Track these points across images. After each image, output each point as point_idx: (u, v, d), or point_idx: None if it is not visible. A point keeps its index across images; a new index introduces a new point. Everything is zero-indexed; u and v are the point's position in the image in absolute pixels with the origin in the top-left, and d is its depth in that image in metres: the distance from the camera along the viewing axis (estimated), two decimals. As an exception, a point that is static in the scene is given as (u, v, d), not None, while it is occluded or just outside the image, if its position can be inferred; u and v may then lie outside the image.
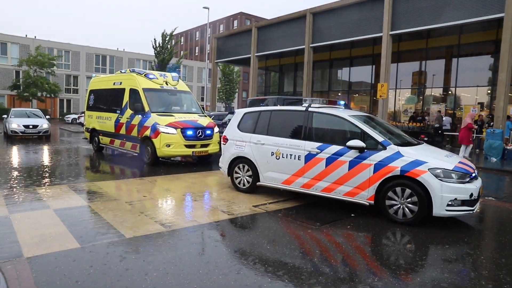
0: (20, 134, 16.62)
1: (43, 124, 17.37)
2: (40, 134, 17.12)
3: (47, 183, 7.53)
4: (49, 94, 37.57)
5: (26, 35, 45.45)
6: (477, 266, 4.16)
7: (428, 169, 5.20)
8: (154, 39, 35.67)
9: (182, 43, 76.45)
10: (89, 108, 13.65)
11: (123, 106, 11.38)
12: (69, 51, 47.66)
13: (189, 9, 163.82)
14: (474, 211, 5.36)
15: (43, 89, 36.14)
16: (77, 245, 4.20)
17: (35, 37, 45.54)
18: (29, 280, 3.35)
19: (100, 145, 12.91)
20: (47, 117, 20.15)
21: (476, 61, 18.94)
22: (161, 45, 35.15)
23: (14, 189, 6.88)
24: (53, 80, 39.69)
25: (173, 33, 36.06)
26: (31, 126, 16.81)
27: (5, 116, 19.28)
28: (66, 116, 38.54)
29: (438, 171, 5.19)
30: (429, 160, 5.34)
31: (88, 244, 4.24)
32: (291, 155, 6.45)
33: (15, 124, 16.73)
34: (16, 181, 7.62)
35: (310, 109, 6.56)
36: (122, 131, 11.35)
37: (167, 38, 35.35)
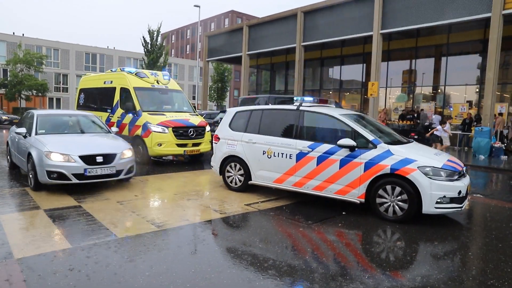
0: (75, 180, 6.48)
1: (123, 149, 7.21)
2: (120, 176, 7.04)
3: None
4: (38, 92, 37.06)
5: (13, 33, 44.71)
6: (465, 262, 4.24)
7: (418, 167, 5.28)
8: (143, 37, 34.83)
9: (173, 41, 76.04)
10: (80, 107, 13.52)
11: (114, 105, 11.30)
12: (58, 49, 47.03)
13: (180, 7, 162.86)
14: (462, 208, 5.45)
15: (32, 87, 35.63)
16: (68, 246, 4.18)
17: (23, 34, 44.86)
18: (20, 282, 3.33)
19: (91, 144, 12.77)
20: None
21: (465, 60, 19.21)
22: (149, 42, 34.63)
23: (4, 190, 6.80)
24: (42, 78, 39.15)
25: (160, 29, 35.40)
26: (99, 159, 6.71)
27: (15, 126, 8.95)
28: None
29: (428, 169, 5.27)
30: (418, 158, 5.41)
31: (80, 244, 4.22)
32: (282, 154, 6.48)
33: (59, 154, 6.51)
34: (6, 182, 7.53)
35: (301, 108, 6.60)
36: (113, 130, 11.26)
37: (154, 35, 34.80)
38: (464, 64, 19.07)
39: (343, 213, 5.91)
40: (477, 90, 18.71)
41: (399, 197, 5.38)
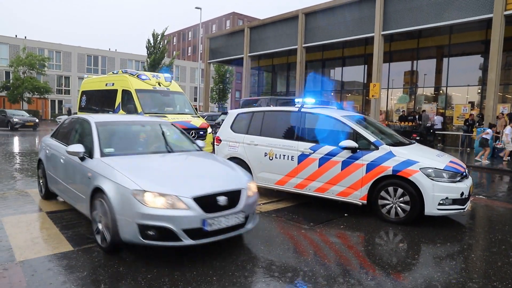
0: (189, 240, 3.74)
1: (247, 181, 4.41)
2: (248, 226, 4.29)
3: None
4: (40, 94, 37.21)
5: (16, 36, 44.94)
6: (468, 264, 4.22)
7: (420, 168, 5.26)
8: (148, 39, 35.64)
9: (174, 43, 76.26)
10: (81, 109, 13.56)
11: (115, 107, 11.32)
12: (60, 51, 47.23)
13: (182, 9, 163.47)
14: (465, 210, 5.43)
15: (35, 89, 35.81)
16: (70, 248, 4.18)
17: (25, 37, 45.06)
18: (22, 284, 3.33)
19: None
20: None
21: (467, 61, 19.19)
22: (153, 45, 35.21)
23: (5, 192, 6.81)
24: (44, 80, 39.34)
25: (165, 33, 36.13)
26: (222, 201, 3.89)
27: (49, 137, 6.29)
28: (58, 118, 38.21)
29: (430, 170, 5.25)
30: (420, 159, 5.39)
31: (81, 247, 4.22)
32: (284, 155, 6.47)
33: (158, 195, 3.70)
34: (8, 184, 7.54)
35: (302, 109, 6.59)
36: (115, 132, 11.27)
37: (158, 38, 35.41)
38: (466, 65, 19.05)
39: (345, 215, 5.89)
40: (479, 91, 18.67)
41: (401, 199, 5.37)
